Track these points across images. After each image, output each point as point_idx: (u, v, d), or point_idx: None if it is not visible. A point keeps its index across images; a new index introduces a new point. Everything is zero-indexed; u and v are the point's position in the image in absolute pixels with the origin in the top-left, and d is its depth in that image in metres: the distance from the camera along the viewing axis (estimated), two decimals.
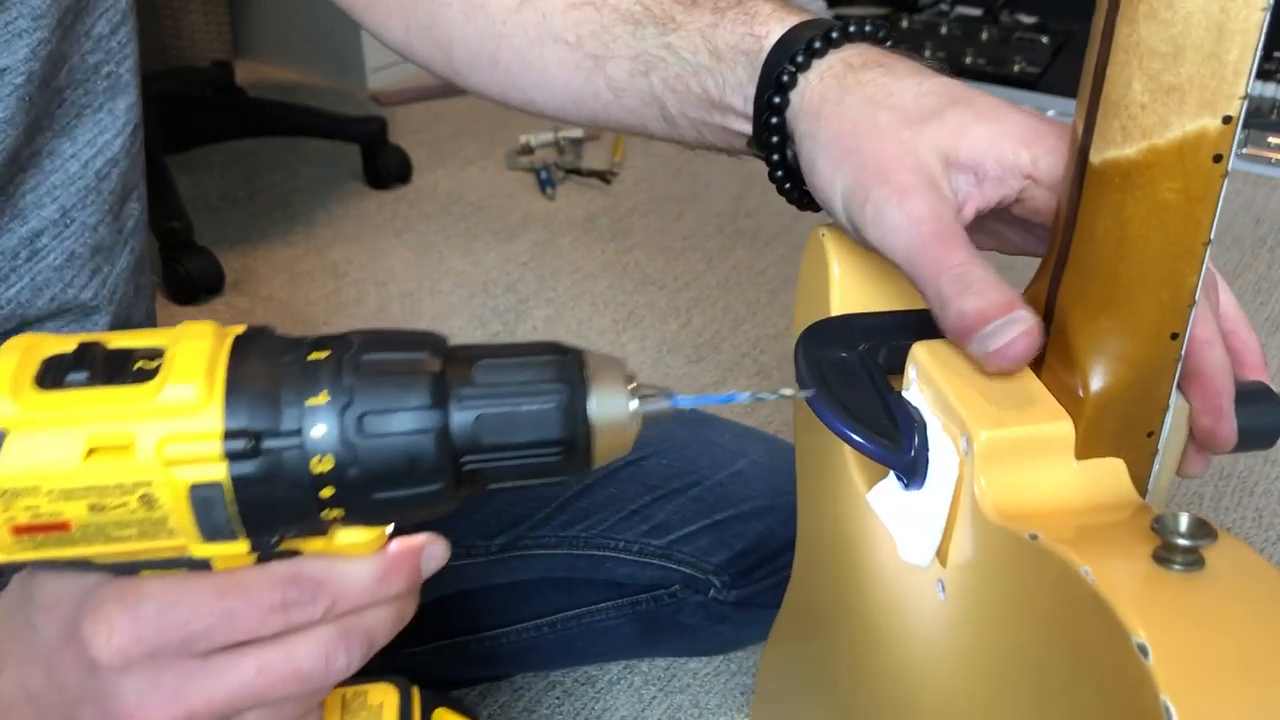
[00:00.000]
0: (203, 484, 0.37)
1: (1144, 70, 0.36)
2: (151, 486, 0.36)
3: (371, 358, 0.38)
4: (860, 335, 0.48)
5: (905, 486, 0.45)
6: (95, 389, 0.37)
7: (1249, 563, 0.35)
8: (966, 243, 0.43)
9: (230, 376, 0.37)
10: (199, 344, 0.38)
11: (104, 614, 0.38)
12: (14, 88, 0.55)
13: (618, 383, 0.40)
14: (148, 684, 0.39)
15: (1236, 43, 0.35)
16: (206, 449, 0.36)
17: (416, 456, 0.38)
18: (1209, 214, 0.38)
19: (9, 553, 0.37)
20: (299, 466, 0.37)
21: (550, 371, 0.39)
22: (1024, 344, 0.41)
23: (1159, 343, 0.40)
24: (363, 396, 0.38)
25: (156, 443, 0.36)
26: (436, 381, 0.38)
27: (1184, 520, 0.35)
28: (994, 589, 0.41)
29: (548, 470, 0.40)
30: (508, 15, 0.61)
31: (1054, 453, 0.41)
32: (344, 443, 0.37)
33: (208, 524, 0.37)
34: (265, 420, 0.37)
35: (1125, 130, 0.37)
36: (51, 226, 0.59)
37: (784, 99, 0.50)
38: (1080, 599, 0.34)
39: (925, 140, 0.46)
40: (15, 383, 0.37)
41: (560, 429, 0.39)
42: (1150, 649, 0.32)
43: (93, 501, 0.36)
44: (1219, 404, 0.44)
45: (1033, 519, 0.39)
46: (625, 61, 0.57)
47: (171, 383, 0.37)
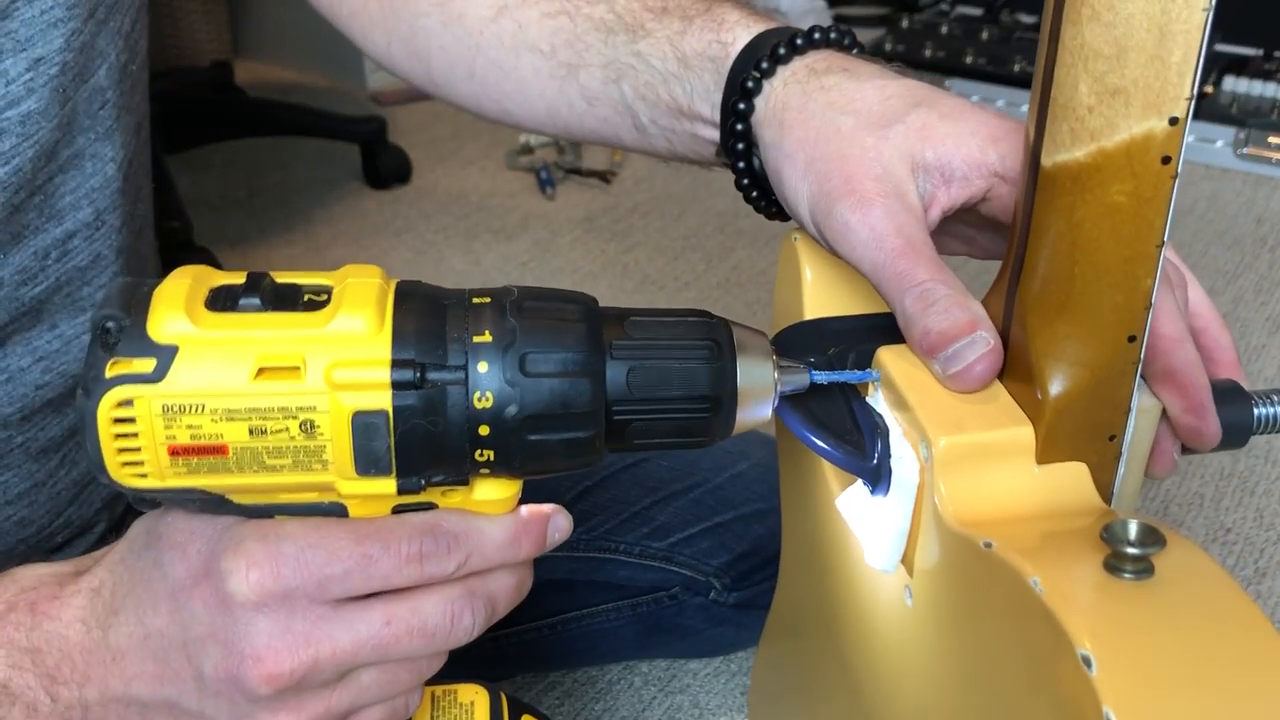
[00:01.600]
0: (367, 411, 0.37)
1: (1089, 72, 0.36)
2: (315, 411, 0.37)
3: (533, 304, 0.40)
4: (830, 339, 0.48)
5: (871, 492, 0.45)
6: (268, 313, 0.38)
7: (1199, 568, 0.35)
8: (931, 257, 0.43)
9: (397, 312, 0.39)
10: (368, 281, 0.39)
11: (244, 550, 0.39)
12: (49, 78, 0.55)
13: (763, 349, 0.42)
14: (279, 626, 0.39)
15: (1179, 44, 0.35)
16: (374, 376, 0.37)
17: (572, 399, 0.39)
18: (1160, 216, 0.37)
19: (162, 477, 0.38)
20: (460, 401, 0.38)
21: (700, 330, 0.41)
22: (984, 365, 0.42)
23: (1116, 346, 0.40)
24: (525, 337, 0.39)
25: (326, 367, 0.37)
26: (594, 330, 0.40)
27: (1133, 527, 0.35)
28: (956, 597, 0.41)
29: (692, 428, 0.41)
30: (484, 26, 0.61)
31: (1014, 458, 0.41)
32: (505, 381, 0.38)
33: (365, 455, 0.38)
34: (431, 354, 0.38)
35: (1074, 133, 0.37)
36: (84, 229, 0.60)
37: (749, 105, 0.50)
38: (1030, 609, 0.34)
39: (890, 145, 0.45)
40: (189, 303, 0.37)
41: (709, 386, 0.40)
42: (1094, 660, 0.31)
43: (254, 424, 0.37)
44: (1198, 401, 0.44)
45: (993, 525, 0.39)
46: (597, 70, 0.57)
47: (343, 313, 0.38)
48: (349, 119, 1.75)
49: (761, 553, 0.84)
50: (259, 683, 0.39)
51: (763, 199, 0.53)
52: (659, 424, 0.41)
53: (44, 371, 0.60)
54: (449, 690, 0.49)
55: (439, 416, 0.38)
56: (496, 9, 0.61)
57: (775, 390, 0.42)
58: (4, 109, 0.53)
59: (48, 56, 0.55)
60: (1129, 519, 0.35)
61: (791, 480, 0.59)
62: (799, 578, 0.62)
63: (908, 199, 0.44)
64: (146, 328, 0.37)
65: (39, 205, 0.57)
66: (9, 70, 0.53)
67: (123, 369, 0.37)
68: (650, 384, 0.40)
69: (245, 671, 0.39)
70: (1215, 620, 0.34)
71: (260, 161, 1.77)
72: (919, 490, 0.42)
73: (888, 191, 0.44)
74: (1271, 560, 1.00)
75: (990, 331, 0.42)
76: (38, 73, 0.54)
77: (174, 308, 0.37)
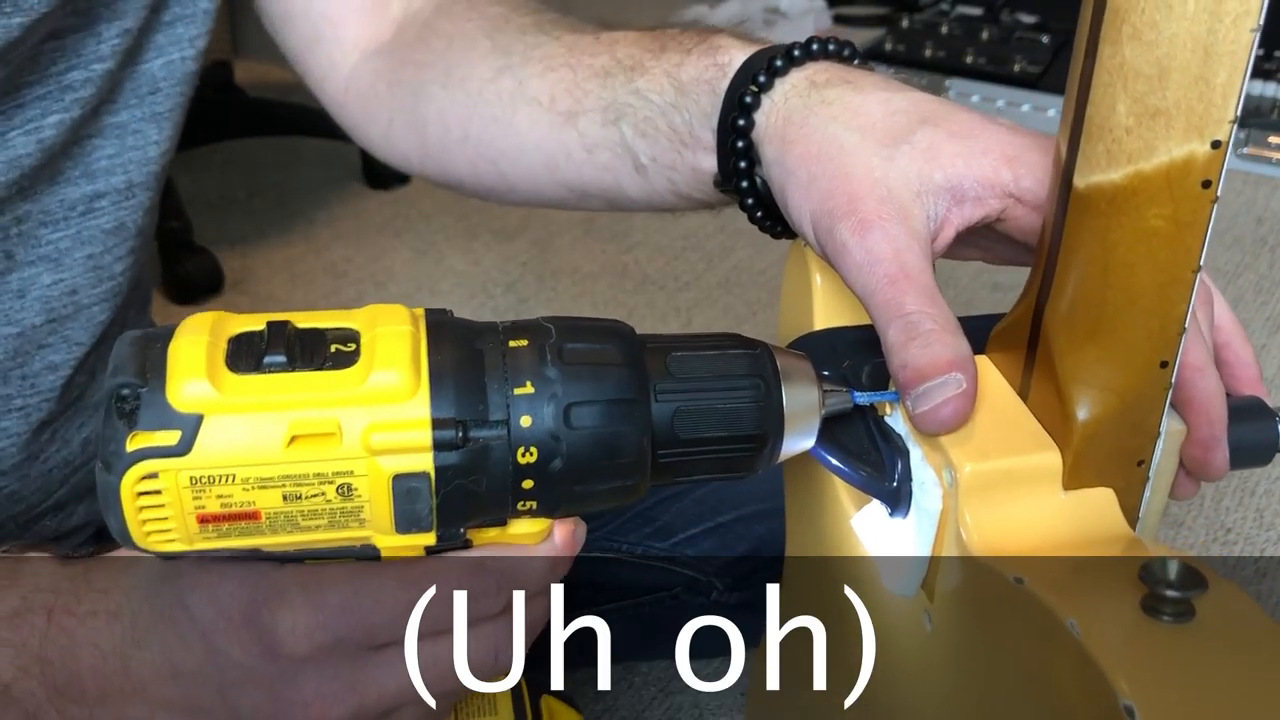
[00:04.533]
0: (408, 474, 0.36)
1: (1129, 93, 0.34)
2: (353, 476, 0.35)
3: (574, 347, 0.38)
4: (843, 350, 0.47)
5: (890, 514, 0.44)
6: (297, 374, 0.35)
7: (1241, 612, 0.34)
8: (925, 287, 0.42)
9: (432, 362, 0.36)
10: (399, 329, 0.36)
11: (288, 601, 0.38)
12: None
13: (809, 378, 0.40)
14: (326, 675, 0.39)
15: (1225, 65, 0.33)
16: (415, 438, 0.35)
17: (619, 449, 0.37)
18: (1198, 241, 0.36)
19: (189, 542, 0.36)
20: (504, 457, 0.36)
21: (745, 365, 0.39)
22: (951, 409, 0.40)
23: (1148, 371, 0.39)
24: (567, 387, 0.37)
25: (363, 430, 0.35)
26: (638, 373, 0.38)
27: (1173, 568, 0.33)
28: (979, 627, 0.40)
29: (736, 465, 0.40)
30: (483, 86, 0.61)
31: (1041, 484, 0.40)
32: (549, 434, 0.36)
33: (406, 515, 0.36)
34: (472, 410, 0.36)
35: (1110, 154, 0.35)
36: (114, 193, 0.62)
37: (748, 120, 0.49)
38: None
39: (896, 167, 0.44)
40: (210, 364, 0.35)
41: (755, 424, 0.39)
42: (1138, 711, 0.30)
43: (288, 490, 0.35)
44: (1211, 434, 0.43)
45: (1020, 553, 0.38)
46: (596, 114, 0.56)
47: (377, 368, 0.35)
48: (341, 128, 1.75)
49: (763, 554, 0.83)
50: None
51: (768, 218, 0.52)
52: (702, 463, 0.39)
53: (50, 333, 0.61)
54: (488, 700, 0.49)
55: (481, 474, 0.36)
56: (497, 69, 0.60)
57: (820, 416, 0.41)
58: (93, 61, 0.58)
59: (131, 30, 0.59)
60: (1169, 558, 0.34)
61: (799, 495, 0.58)
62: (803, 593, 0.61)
63: (911, 223, 0.43)
64: (166, 395, 0.34)
65: (76, 157, 0.60)
66: (103, 32, 0.58)
67: (145, 442, 0.34)
68: (696, 426, 0.38)
69: (292, 717, 0.39)
70: (1259, 667, 0.33)
71: (260, 161, 1.77)
72: (942, 516, 0.41)
73: (890, 215, 0.43)
74: (1271, 560, 1.00)
75: (968, 374, 0.40)
76: (122, 41, 0.59)
77: (194, 371, 0.35)
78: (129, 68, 0.61)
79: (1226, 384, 0.47)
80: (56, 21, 0.55)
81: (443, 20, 0.66)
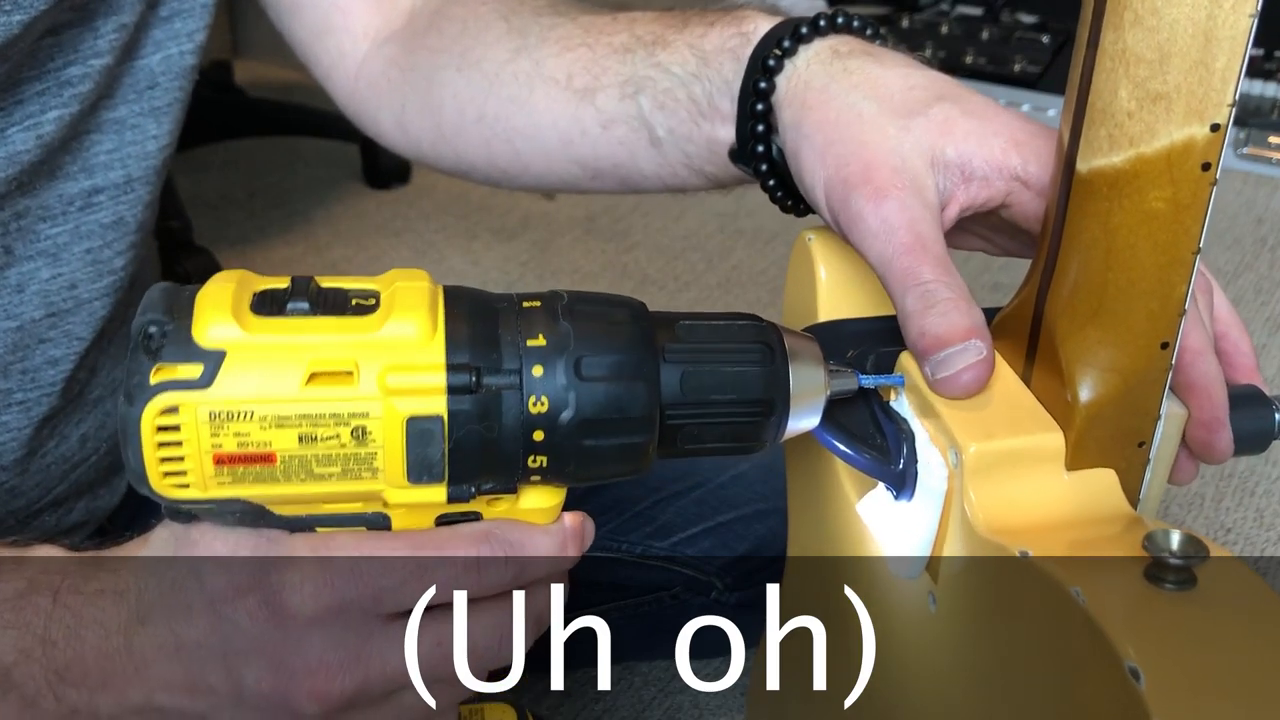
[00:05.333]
0: (422, 416, 0.37)
1: (1130, 78, 0.35)
2: (368, 418, 0.36)
3: (584, 308, 0.39)
4: (848, 341, 0.48)
5: (895, 497, 0.44)
6: (318, 318, 0.37)
7: (1242, 580, 0.35)
8: (940, 256, 0.43)
9: (449, 315, 0.38)
10: (416, 284, 0.38)
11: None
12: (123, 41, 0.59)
13: (815, 354, 0.41)
14: (332, 642, 0.38)
15: (1224, 49, 0.34)
16: (430, 381, 0.37)
17: (627, 403, 0.38)
18: (1198, 223, 0.37)
19: (205, 488, 0.37)
20: (516, 405, 0.37)
21: (752, 334, 0.40)
22: (972, 374, 0.41)
23: (1149, 352, 0.40)
24: (579, 341, 0.38)
25: (379, 372, 0.36)
26: (646, 333, 0.39)
27: (1176, 538, 0.35)
28: (985, 604, 0.41)
29: (744, 433, 0.40)
30: (500, 68, 0.61)
31: (1045, 465, 0.41)
32: (560, 385, 0.38)
33: (419, 461, 0.37)
34: (486, 358, 0.37)
35: (1112, 138, 0.37)
36: (113, 188, 0.62)
37: (770, 83, 0.49)
38: (1070, 619, 0.34)
39: (911, 136, 0.45)
40: (236, 307, 0.36)
41: (763, 390, 0.40)
42: (1143, 673, 0.31)
43: (304, 431, 0.36)
44: (1214, 415, 0.43)
45: (1024, 532, 0.39)
46: (614, 89, 0.57)
47: (395, 317, 0.37)
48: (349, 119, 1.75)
49: (763, 553, 0.84)
50: (307, 699, 0.38)
51: (780, 189, 0.53)
52: (711, 429, 0.40)
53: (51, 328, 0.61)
54: (476, 710, 0.49)
55: (494, 421, 0.37)
56: (514, 50, 0.60)
57: (825, 394, 0.41)
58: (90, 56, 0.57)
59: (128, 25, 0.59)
60: (1171, 529, 0.35)
61: (802, 484, 0.59)
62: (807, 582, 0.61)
63: (925, 194, 0.44)
64: (192, 332, 0.36)
65: (74, 152, 0.60)
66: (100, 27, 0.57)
67: (168, 375, 0.36)
68: (704, 388, 0.39)
69: (295, 688, 0.38)
70: (1261, 633, 0.33)
71: (260, 161, 1.77)
72: (947, 496, 0.42)
73: (905, 184, 0.44)
74: (1272, 560, 1.00)
75: (986, 341, 0.42)
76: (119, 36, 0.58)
77: (220, 312, 0.36)
78: (127, 63, 0.60)
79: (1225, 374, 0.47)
80: (55, 18, 0.55)
81: (455, 6, 0.65)
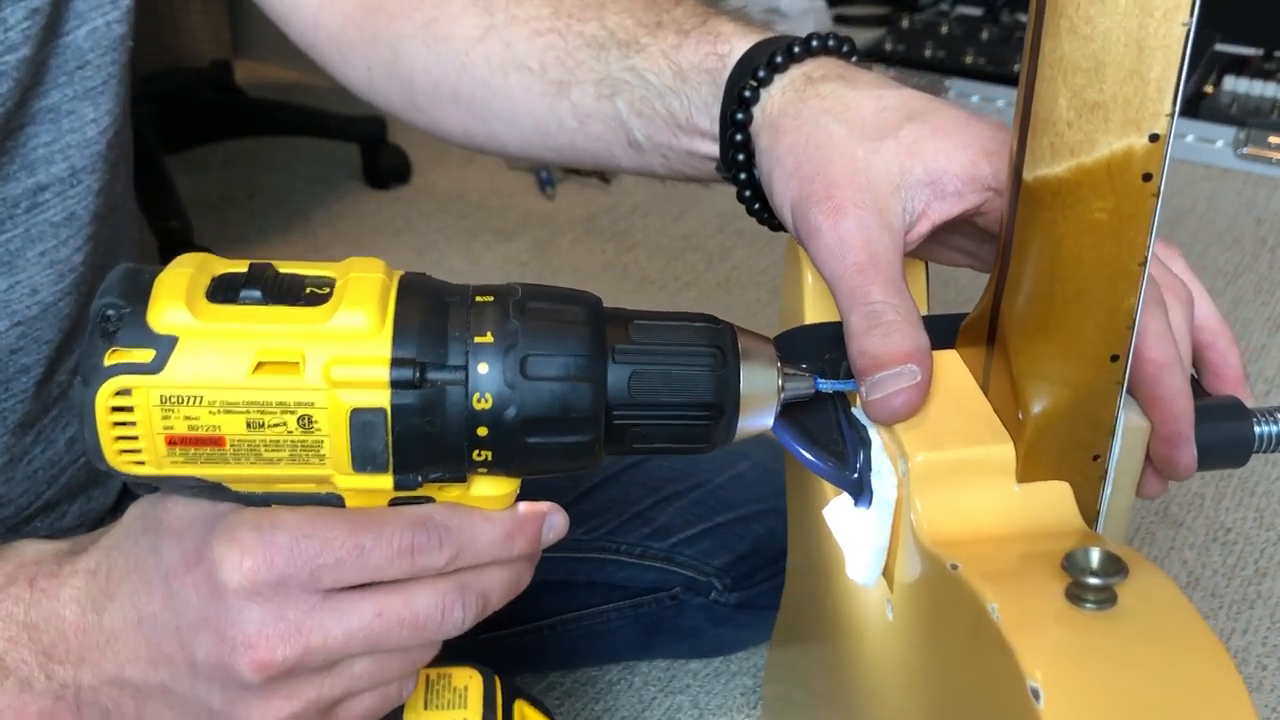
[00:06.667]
0: (365, 409, 0.38)
1: (1068, 86, 0.35)
2: (313, 407, 0.37)
3: (536, 305, 0.39)
4: (825, 345, 0.47)
5: (855, 504, 0.45)
6: (269, 307, 0.38)
7: (1163, 598, 0.35)
8: (892, 278, 0.43)
9: (399, 309, 0.38)
10: (370, 276, 0.39)
11: (237, 538, 0.39)
12: (39, 28, 0.55)
13: (768, 356, 0.41)
14: (271, 614, 0.39)
15: (1158, 59, 0.34)
16: (373, 374, 0.37)
17: (572, 404, 0.39)
18: (1143, 234, 0.37)
19: (159, 465, 0.38)
20: (460, 402, 0.38)
21: (705, 337, 0.40)
22: (902, 400, 0.41)
23: (1098, 365, 0.39)
24: (527, 340, 0.38)
25: (325, 363, 0.37)
26: (597, 334, 0.39)
27: (1095, 556, 0.34)
28: (929, 615, 0.41)
29: (693, 435, 0.41)
30: (470, 46, 0.60)
31: (994, 475, 0.40)
32: (505, 383, 0.38)
33: (362, 452, 0.38)
34: (432, 353, 0.38)
35: (1054, 148, 0.36)
36: (58, 183, 0.60)
37: (747, 114, 0.50)
38: (988, 635, 0.34)
39: (879, 159, 0.45)
40: (190, 293, 0.37)
41: (712, 393, 0.40)
42: (1043, 693, 0.31)
43: (252, 417, 0.37)
44: (1176, 430, 0.43)
45: (967, 544, 0.38)
46: (590, 86, 0.56)
47: (344, 309, 0.38)
48: (349, 119, 1.75)
49: (762, 553, 0.84)
50: (249, 670, 0.40)
51: (764, 210, 0.53)
52: (659, 430, 0.40)
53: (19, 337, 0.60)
54: (443, 673, 0.49)
55: (437, 416, 0.38)
56: (483, 29, 0.60)
57: (779, 398, 0.41)
58: (4, 53, 0.54)
59: (41, 8, 0.55)
60: (1091, 546, 0.35)
61: (795, 486, 0.59)
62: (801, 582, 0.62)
63: (886, 216, 0.44)
64: (146, 317, 0.37)
65: (10, 151, 0.58)
66: (8, 18, 0.54)
67: (121, 358, 0.37)
68: (652, 390, 0.40)
69: (236, 659, 0.40)
70: (1174, 653, 0.33)
71: (260, 161, 1.77)
72: (898, 505, 0.42)
73: (865, 204, 0.44)
74: (1271, 560, 1.00)
75: (924, 367, 0.41)
76: (33, 21, 0.55)
77: (174, 298, 0.37)
78: (50, 43, 0.58)
79: (1210, 384, 0.47)
80: None
81: None
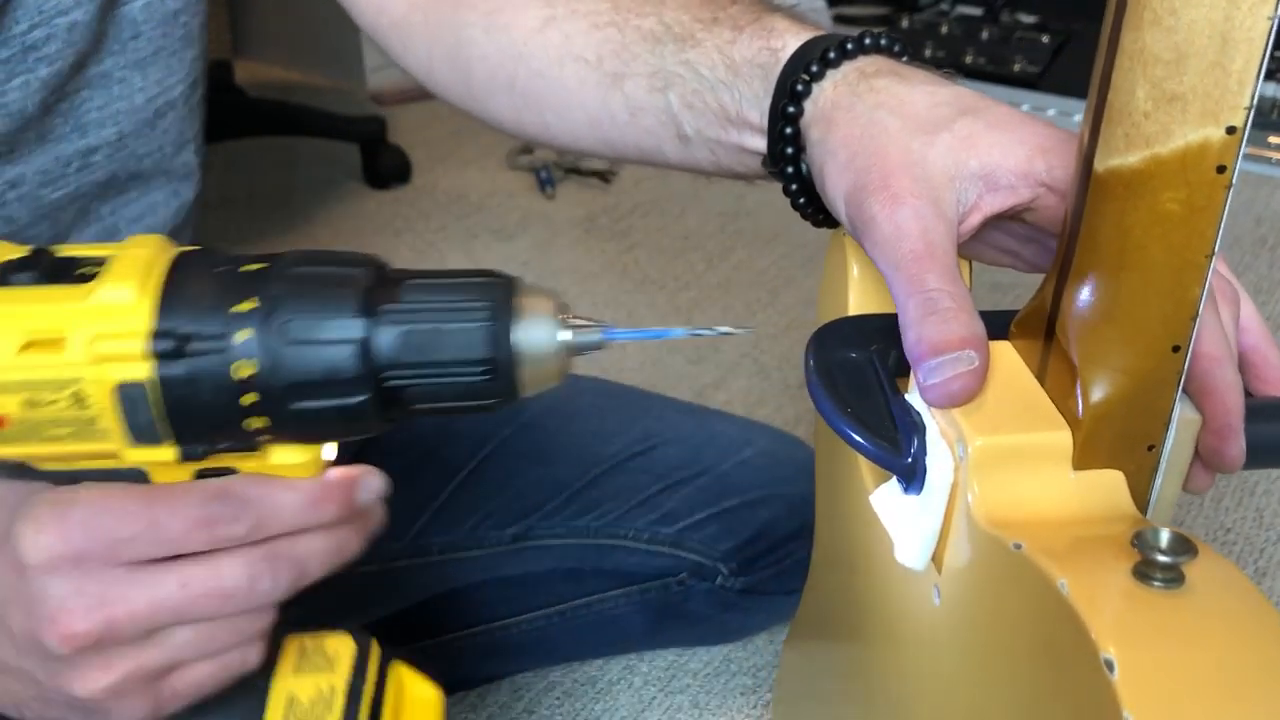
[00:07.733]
0: (128, 382, 0.38)
1: (1147, 78, 0.35)
2: (81, 384, 0.38)
3: (303, 270, 0.40)
4: (872, 336, 0.48)
5: (905, 490, 0.45)
6: (34, 288, 0.39)
7: (1230, 580, 0.35)
8: (948, 266, 0.43)
9: (167, 283, 0.39)
10: (139, 252, 0.40)
11: (34, 515, 0.40)
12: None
13: (545, 310, 0.41)
14: (71, 589, 0.40)
15: (1241, 51, 0.34)
16: (132, 347, 0.38)
17: (336, 366, 0.39)
18: (1212, 226, 0.37)
19: None
20: (220, 370, 0.39)
21: (477, 293, 0.40)
22: (960, 384, 0.41)
23: (1160, 355, 0.39)
24: (287, 304, 0.39)
25: (87, 340, 0.38)
26: (363, 295, 0.39)
27: (1165, 536, 0.35)
28: (983, 597, 0.41)
29: (473, 392, 0.40)
30: (530, 36, 0.61)
31: (1050, 462, 0.41)
32: (266, 349, 0.38)
33: (134, 425, 0.39)
34: (193, 323, 0.38)
35: (1128, 138, 0.36)
36: (106, 146, 0.63)
37: (798, 108, 0.50)
38: (1056, 611, 0.34)
39: (935, 151, 0.45)
40: None
41: (483, 349, 0.40)
42: (1117, 664, 0.31)
43: (27, 397, 0.38)
44: (1227, 422, 0.43)
45: (1024, 528, 0.39)
46: (643, 79, 0.57)
47: (107, 285, 0.38)
48: (349, 119, 1.75)
49: (767, 538, 0.85)
50: (57, 643, 0.40)
51: (809, 205, 0.53)
52: (437, 388, 0.40)
53: None
54: (318, 640, 0.49)
55: (202, 386, 0.38)
56: (543, 20, 0.61)
57: (563, 350, 0.41)
58: (54, 16, 0.58)
59: None
60: (1161, 528, 0.35)
61: (827, 475, 0.59)
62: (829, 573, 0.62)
63: (941, 206, 0.44)
64: None
65: (65, 112, 0.61)
66: None
67: None
68: (421, 348, 0.39)
69: (43, 633, 0.40)
70: (1243, 633, 0.33)
71: (260, 161, 1.77)
72: (953, 489, 0.42)
73: (921, 194, 0.44)
74: (1271, 560, 1.00)
75: (981, 353, 0.42)
76: None
77: None
78: (110, 13, 0.61)
79: (1252, 385, 0.47)
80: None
81: None
